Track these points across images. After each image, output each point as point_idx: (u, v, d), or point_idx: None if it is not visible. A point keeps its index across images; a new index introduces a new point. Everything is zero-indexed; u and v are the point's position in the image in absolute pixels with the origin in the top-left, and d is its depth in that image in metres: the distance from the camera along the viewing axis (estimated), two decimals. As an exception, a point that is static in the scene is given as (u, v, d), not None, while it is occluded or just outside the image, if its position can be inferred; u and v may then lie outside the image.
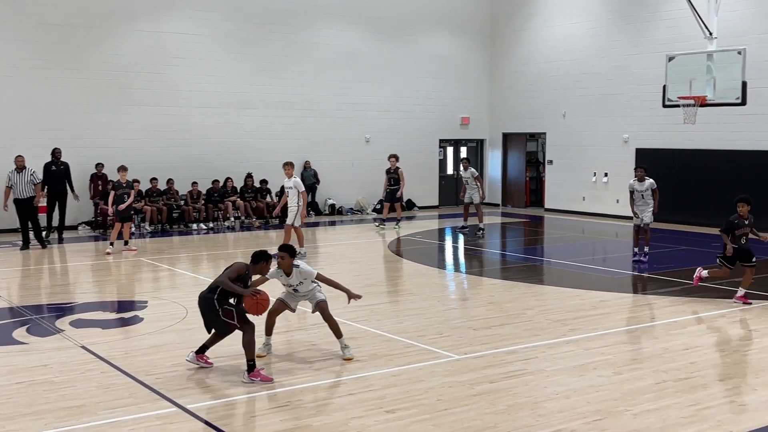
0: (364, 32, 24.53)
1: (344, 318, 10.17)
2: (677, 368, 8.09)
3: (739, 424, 6.49)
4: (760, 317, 10.51)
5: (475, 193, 19.14)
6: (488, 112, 27.29)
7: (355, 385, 7.47)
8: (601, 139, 23.48)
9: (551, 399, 7.12)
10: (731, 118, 19.35)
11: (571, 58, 24.22)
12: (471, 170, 19.40)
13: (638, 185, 14.96)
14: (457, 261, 16.61)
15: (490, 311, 10.89)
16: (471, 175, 19.19)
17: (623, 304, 11.47)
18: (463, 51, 26.62)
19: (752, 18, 19.50)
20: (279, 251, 8.35)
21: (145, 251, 16.59)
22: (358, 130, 24.54)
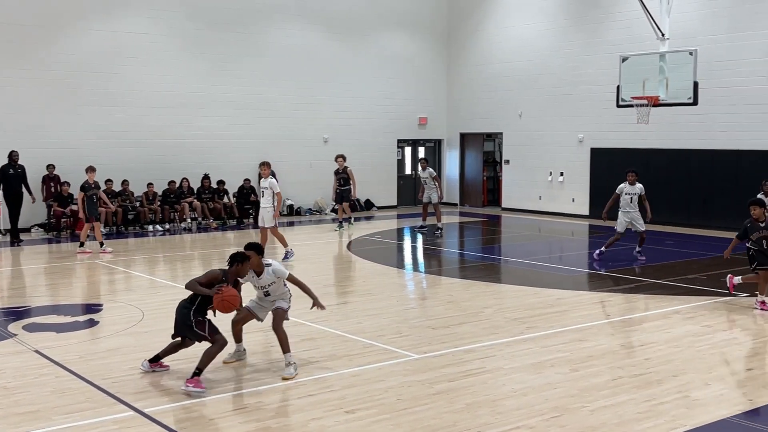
0: (322, 32, 24.48)
1: (303, 319, 10.14)
2: (632, 364, 8.22)
3: (693, 419, 6.62)
4: (713, 313, 10.71)
5: (433, 193, 19.22)
6: (446, 112, 27.43)
7: (315, 386, 7.46)
8: (556, 138, 23.75)
9: (509, 397, 7.18)
10: (683, 117, 19.71)
11: (527, 58, 24.45)
12: (429, 170, 19.47)
13: (629, 188, 14.97)
14: (415, 260, 16.66)
15: (449, 310, 10.94)
16: (429, 175, 19.27)
17: (579, 301, 11.61)
18: (421, 51, 26.72)
19: (703, 19, 19.88)
20: (246, 250, 7.92)
21: (99, 254, 16.36)
22: (316, 130, 24.48)
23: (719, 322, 10.17)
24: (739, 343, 9.13)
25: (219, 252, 17.04)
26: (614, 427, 6.42)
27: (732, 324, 10.09)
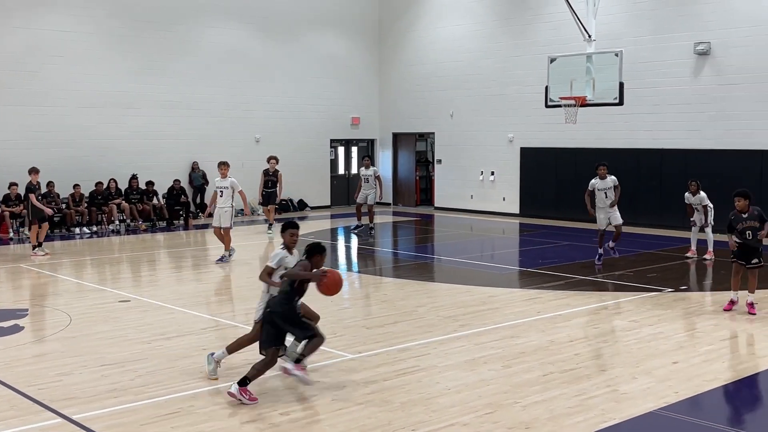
0: (253, 31, 24.28)
1: (236, 321, 10.06)
2: (563, 360, 8.38)
3: (621, 412, 6.78)
4: (639, 308, 11.00)
5: (372, 192, 19.13)
6: (378, 112, 27.51)
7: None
8: (487, 138, 24.04)
9: (443, 394, 7.24)
10: (610, 117, 20.18)
11: (458, 59, 24.69)
12: (373, 168, 19.45)
13: (600, 183, 14.45)
14: (349, 260, 16.66)
15: (383, 310, 10.97)
16: (373, 174, 19.18)
17: (511, 298, 11.78)
18: (353, 51, 26.73)
19: (628, 21, 20.39)
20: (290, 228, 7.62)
21: (24, 257, 15.89)
22: (247, 130, 24.26)
23: (645, 317, 10.44)
24: (664, 337, 9.39)
25: (148, 255, 16.75)
26: (546, 421, 6.53)
27: (658, 319, 10.37)
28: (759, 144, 18.31)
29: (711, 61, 19.03)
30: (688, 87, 19.46)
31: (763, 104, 18.22)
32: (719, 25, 18.80)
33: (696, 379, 7.68)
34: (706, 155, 19.11)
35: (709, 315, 10.54)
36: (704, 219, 15.25)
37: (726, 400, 7.18)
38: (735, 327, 9.83)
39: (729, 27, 18.63)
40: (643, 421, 6.60)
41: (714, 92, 19.02)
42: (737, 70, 18.60)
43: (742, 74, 18.52)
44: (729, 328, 9.79)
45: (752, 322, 10.12)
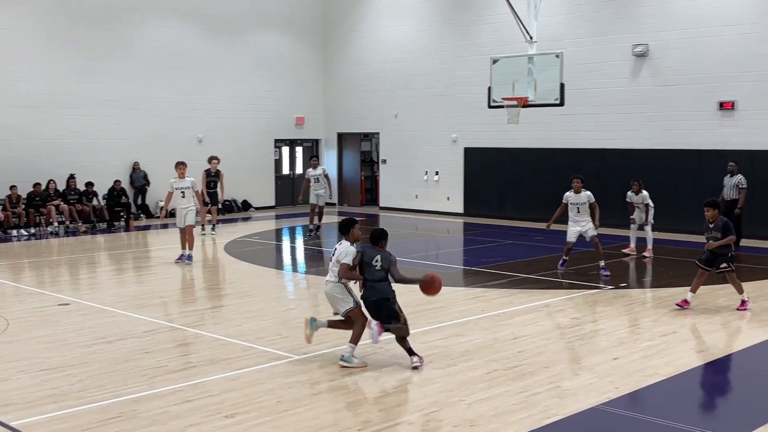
0: (196, 30, 23.99)
1: (178, 323, 9.94)
2: (507, 358, 8.47)
3: (564, 408, 6.89)
4: (581, 306, 11.19)
5: (323, 192, 18.89)
6: (323, 112, 27.44)
7: (193, 392, 7.30)
8: (431, 138, 24.18)
9: (390, 393, 7.26)
10: (551, 118, 20.46)
11: (402, 59, 24.78)
12: (322, 168, 19.35)
13: (574, 198, 13.69)
14: (295, 261, 16.59)
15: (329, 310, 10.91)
16: (323, 173, 19.01)
17: (455, 297, 11.86)
18: (297, 50, 26.62)
19: (568, 23, 20.72)
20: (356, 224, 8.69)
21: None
22: (190, 129, 23.96)
23: (587, 314, 10.62)
24: (605, 333, 9.57)
25: (88, 257, 16.42)
26: (491, 419, 6.60)
27: (599, 316, 10.56)
28: (695, 144, 18.77)
29: (649, 62, 19.46)
30: (627, 88, 19.87)
31: (698, 105, 18.69)
32: (656, 27, 19.23)
33: (636, 375, 7.85)
34: (645, 155, 19.53)
35: (649, 311, 10.78)
36: (645, 217, 15.60)
37: (665, 395, 7.35)
38: (674, 323, 10.06)
39: (666, 29, 19.08)
40: (585, 417, 6.72)
41: (652, 93, 19.45)
42: (674, 71, 19.06)
43: (679, 75, 18.98)
44: (668, 324, 10.02)
45: (687, 316, 10.37)
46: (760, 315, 10.59)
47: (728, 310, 10.81)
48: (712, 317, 10.42)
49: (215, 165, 19.40)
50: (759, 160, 17.61)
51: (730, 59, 18.15)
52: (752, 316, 10.55)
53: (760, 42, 17.67)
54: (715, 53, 18.36)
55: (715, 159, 18.13)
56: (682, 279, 13.16)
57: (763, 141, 17.74)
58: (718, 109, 18.41)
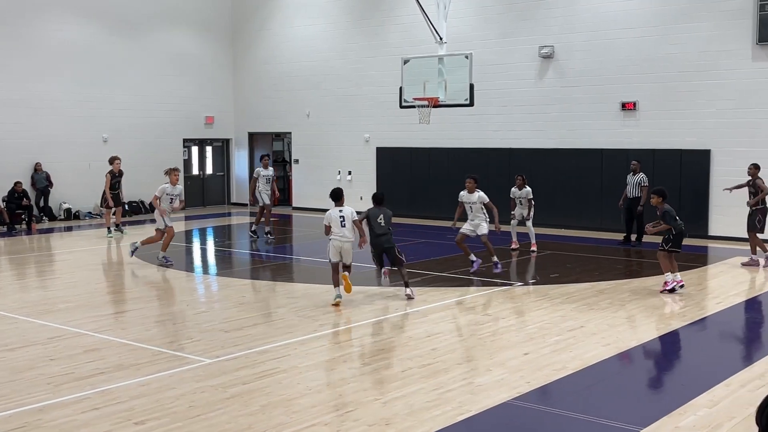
0: (100, 27, 23.32)
1: (85, 329, 9.65)
2: (420, 355, 8.54)
3: (477, 404, 6.99)
4: (492, 302, 11.38)
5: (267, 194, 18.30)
6: (233, 111, 27.09)
7: (100, 399, 7.09)
8: (344, 138, 24.18)
9: (304, 395, 7.22)
10: (461, 118, 20.75)
11: (312, 59, 24.70)
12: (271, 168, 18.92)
13: (466, 197, 14.39)
14: (205, 263, 16.32)
15: (242, 312, 10.82)
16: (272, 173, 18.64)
17: (369, 297, 11.89)
18: (206, 49, 26.19)
19: (477, 25, 21.05)
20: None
21: None
22: (95, 129, 23.27)
23: (498, 311, 10.82)
24: (516, 329, 9.77)
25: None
26: (405, 417, 6.64)
27: (510, 312, 10.77)
28: (598, 143, 19.35)
29: (554, 64, 19.96)
30: (534, 89, 20.32)
31: (601, 105, 19.28)
32: (561, 30, 19.74)
33: (546, 369, 8.03)
34: (551, 154, 20.02)
35: (557, 307, 11.05)
36: (527, 213, 16.06)
37: (574, 388, 7.55)
38: (581, 318, 10.35)
39: (570, 32, 19.60)
40: (497, 412, 6.84)
41: (557, 94, 19.95)
42: (578, 73, 19.60)
43: (583, 77, 19.54)
44: (575, 319, 10.30)
45: (596, 312, 10.68)
46: (661, 309, 11.00)
47: (633, 304, 11.19)
48: (617, 311, 10.77)
49: (118, 165, 18.96)
50: (659, 159, 18.29)
51: (631, 61, 18.78)
52: (653, 310, 10.94)
53: (659, 45, 18.36)
54: (617, 55, 18.97)
55: (618, 158, 18.75)
56: (588, 275, 13.55)
57: (662, 140, 18.43)
58: (620, 110, 19.03)
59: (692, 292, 12.19)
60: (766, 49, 17.01)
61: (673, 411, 6.78)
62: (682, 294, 11.84)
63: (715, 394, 7.27)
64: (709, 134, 17.85)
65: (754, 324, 10.66)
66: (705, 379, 7.72)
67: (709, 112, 17.82)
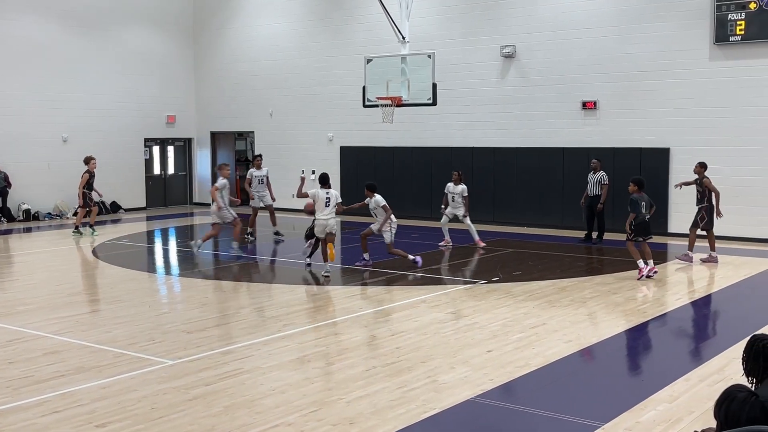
0: (58, 25, 22.98)
1: (45, 331, 9.51)
2: (384, 354, 8.56)
3: (441, 402, 7.03)
4: (456, 300, 11.44)
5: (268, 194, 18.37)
6: (195, 110, 26.88)
7: (61, 402, 7.00)
8: (308, 137, 24.12)
9: (268, 395, 7.19)
10: (424, 117, 20.83)
11: (275, 57, 24.59)
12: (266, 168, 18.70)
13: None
14: (168, 263, 16.17)
15: (204, 313, 10.75)
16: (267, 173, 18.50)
17: (333, 296, 11.89)
18: (167, 47, 25.94)
19: (439, 24, 21.13)
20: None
21: None
22: (53, 129, 22.93)
23: (462, 309, 10.88)
24: (479, 327, 9.82)
25: (-56, 264, 15.44)
26: (370, 416, 6.65)
27: (473, 310, 10.83)
28: (559, 142, 19.54)
29: (516, 63, 20.10)
30: (496, 88, 20.45)
31: (562, 105, 19.46)
32: (523, 29, 19.89)
33: (509, 366, 8.10)
34: (513, 153, 20.17)
35: (520, 304, 11.14)
36: (463, 211, 16.32)
37: (536, 385, 7.62)
38: (543, 315, 10.44)
39: (532, 31, 19.76)
40: (461, 409, 6.88)
41: (519, 93, 20.10)
42: (539, 72, 19.77)
43: (544, 76, 19.70)
44: (538, 316, 10.39)
45: (558, 309, 10.79)
46: (622, 305, 11.14)
47: (594, 301, 11.32)
48: (578, 308, 10.89)
49: (94, 165, 18.82)
50: (619, 157, 18.52)
51: (591, 61, 18.99)
52: (614, 306, 11.09)
53: (619, 44, 18.59)
54: (578, 55, 19.17)
55: (579, 156, 18.94)
56: (551, 272, 13.68)
57: (622, 139, 18.66)
58: (581, 109, 19.23)
59: (652, 288, 12.37)
60: (723, 49, 17.32)
61: (633, 406, 6.88)
62: (642, 290, 12.02)
63: (675, 389, 7.38)
64: (668, 133, 18.12)
65: (712, 320, 10.85)
66: (665, 375, 7.84)
67: (668, 111, 18.09)
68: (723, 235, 17.30)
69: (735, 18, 16.97)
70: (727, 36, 17.10)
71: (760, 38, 16.78)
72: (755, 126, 17.08)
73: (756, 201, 17.12)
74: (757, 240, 16.98)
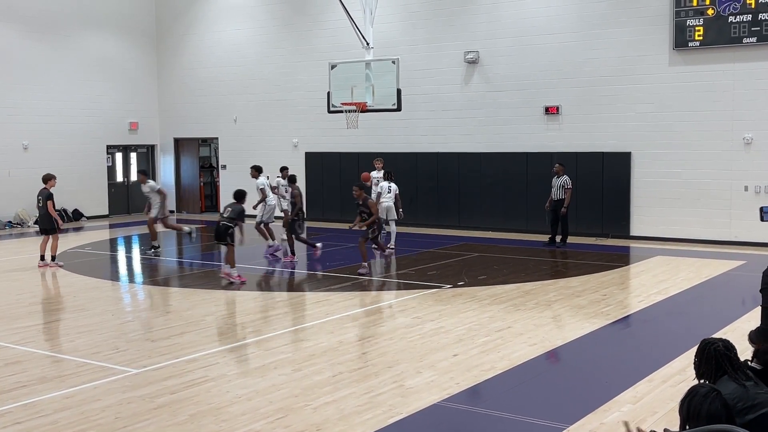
0: (17, 30, 22.64)
1: (7, 341, 9.36)
2: (351, 359, 8.56)
3: (408, 406, 7.04)
4: (422, 305, 11.47)
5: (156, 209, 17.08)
6: (158, 116, 26.64)
7: (23, 413, 6.89)
8: (272, 143, 24.02)
9: (234, 403, 7.15)
10: (389, 122, 20.87)
11: (239, 63, 24.48)
12: (150, 183, 17.36)
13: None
14: (131, 271, 16.00)
15: (169, 321, 10.66)
16: (151, 189, 17.16)
17: (300, 302, 11.86)
18: (129, 53, 25.69)
19: (403, 30, 21.19)
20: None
21: None
22: (13, 136, 22.57)
23: (427, 313, 10.90)
24: (445, 331, 9.86)
25: None
26: (336, 421, 6.65)
27: (439, 314, 10.86)
28: (523, 147, 19.68)
29: (480, 69, 20.23)
30: (460, 93, 20.56)
31: (525, 110, 19.63)
32: (486, 35, 20.03)
33: (474, 370, 8.14)
34: (478, 158, 20.28)
35: (485, 308, 11.20)
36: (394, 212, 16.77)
37: (502, 388, 7.67)
38: (508, 318, 10.51)
39: (495, 37, 19.91)
40: (427, 413, 6.90)
41: (483, 98, 20.22)
42: (503, 77, 19.91)
43: (508, 81, 19.85)
44: (503, 319, 10.46)
45: (523, 312, 10.87)
46: (586, 308, 11.26)
47: (558, 304, 11.42)
48: (543, 311, 10.98)
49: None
50: (582, 162, 18.72)
51: (554, 66, 19.18)
52: (578, 309, 11.20)
53: (580, 50, 18.80)
54: (540, 60, 19.35)
55: (543, 161, 19.11)
56: (515, 276, 13.78)
57: (585, 143, 18.87)
58: (544, 114, 19.40)
59: (615, 291, 12.52)
60: (682, 54, 17.61)
61: (598, 408, 6.95)
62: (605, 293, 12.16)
63: (639, 390, 7.48)
64: (629, 137, 18.36)
65: (674, 321, 11.00)
66: (628, 376, 7.94)
67: (630, 116, 18.33)
68: (684, 237, 17.58)
69: (693, 24, 17.27)
70: (686, 41, 17.39)
71: (718, 43, 17.09)
72: (714, 130, 17.38)
73: (715, 204, 17.41)
74: (717, 242, 17.26)
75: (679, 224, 17.84)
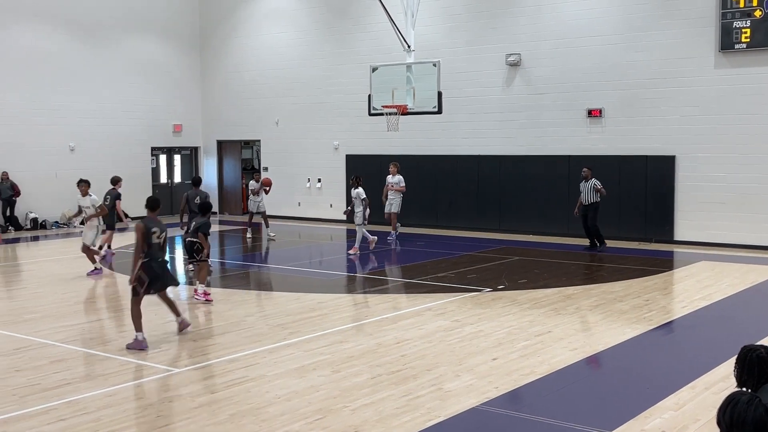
0: (64, 33, 23.10)
1: (52, 339, 9.55)
2: (390, 362, 8.57)
3: (446, 409, 7.03)
4: (461, 308, 11.44)
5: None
6: (201, 119, 26.96)
7: (67, 410, 7.03)
8: (313, 146, 24.17)
9: (273, 403, 7.21)
10: (430, 125, 20.84)
11: (281, 66, 24.67)
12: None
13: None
14: (174, 272, 16.19)
15: (210, 321, 10.78)
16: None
17: (339, 304, 11.90)
18: (173, 56, 26.05)
19: (445, 33, 21.16)
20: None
21: None
22: (60, 138, 23.03)
23: (467, 317, 10.87)
24: (485, 335, 9.82)
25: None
26: (375, 423, 6.66)
27: (478, 318, 10.83)
28: (565, 150, 19.52)
29: (521, 71, 20.12)
30: (501, 96, 20.46)
31: (567, 112, 19.47)
32: (528, 37, 19.91)
33: (514, 374, 8.09)
34: (519, 161, 20.16)
35: (525, 312, 11.13)
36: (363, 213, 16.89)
37: (542, 393, 7.61)
38: (549, 323, 10.44)
39: (537, 40, 19.78)
40: (466, 417, 6.88)
41: (524, 101, 20.10)
42: (545, 80, 19.77)
43: (549, 84, 19.70)
44: (543, 324, 10.38)
45: (563, 316, 10.78)
46: (628, 313, 11.12)
47: (599, 309, 11.31)
48: (584, 316, 10.87)
49: None
50: (625, 165, 18.50)
51: (597, 69, 18.99)
52: (620, 314, 11.07)
53: (624, 52, 18.59)
54: (583, 63, 19.17)
55: (585, 164, 18.87)
56: (556, 280, 13.67)
57: (628, 146, 18.65)
58: (586, 116, 19.22)
59: (658, 296, 12.35)
60: (728, 57, 17.31)
61: (639, 414, 6.87)
62: (647, 299, 12.00)
63: (681, 396, 7.37)
64: (673, 140, 18.10)
65: (718, 327, 10.82)
66: (670, 382, 7.83)
67: (674, 119, 18.08)
68: (729, 242, 17.28)
69: (740, 25, 16.97)
70: (733, 43, 17.10)
71: (766, 45, 16.77)
72: (760, 133, 17.06)
73: (761, 208, 17.08)
74: (763, 247, 16.93)
75: (724, 229, 17.52)
